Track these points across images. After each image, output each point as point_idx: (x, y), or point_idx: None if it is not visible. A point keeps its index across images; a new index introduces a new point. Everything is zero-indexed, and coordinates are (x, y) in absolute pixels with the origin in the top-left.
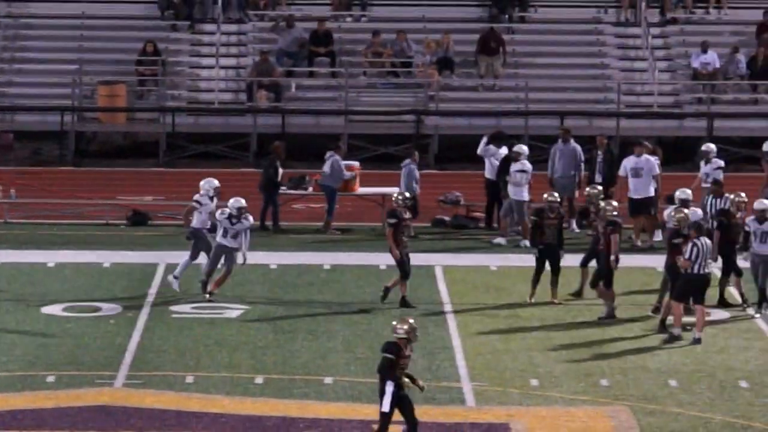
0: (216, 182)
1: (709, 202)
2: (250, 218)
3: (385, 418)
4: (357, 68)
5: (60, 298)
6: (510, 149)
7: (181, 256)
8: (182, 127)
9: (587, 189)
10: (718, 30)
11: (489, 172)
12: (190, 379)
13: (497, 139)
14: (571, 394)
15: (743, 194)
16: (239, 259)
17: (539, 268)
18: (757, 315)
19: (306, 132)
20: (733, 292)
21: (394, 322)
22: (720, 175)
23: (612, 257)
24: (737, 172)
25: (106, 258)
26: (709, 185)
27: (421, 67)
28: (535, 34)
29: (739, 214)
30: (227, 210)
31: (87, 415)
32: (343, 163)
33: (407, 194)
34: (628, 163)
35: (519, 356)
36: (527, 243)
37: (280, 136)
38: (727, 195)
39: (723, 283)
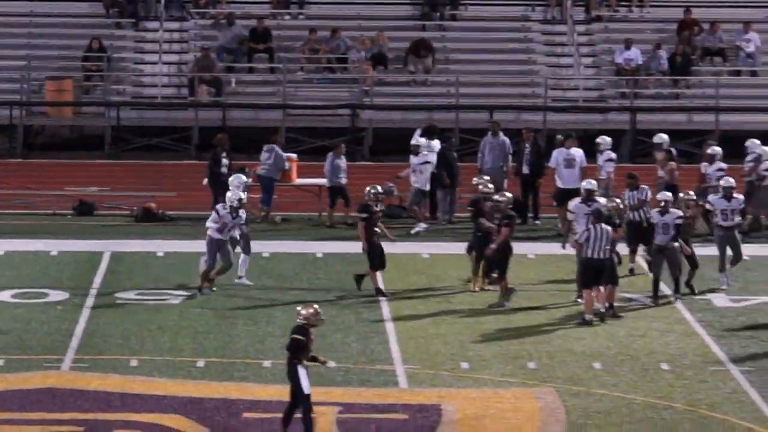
0: (245, 177)
1: (627, 195)
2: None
3: (308, 399)
4: (294, 64)
5: (9, 285)
6: (443, 142)
7: (125, 245)
8: (127, 121)
9: (474, 179)
10: (641, 27)
11: None
12: (134, 362)
13: (430, 132)
14: (499, 377)
15: (692, 192)
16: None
17: (479, 256)
18: (674, 299)
19: (246, 125)
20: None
21: (299, 307)
22: (611, 167)
23: (494, 246)
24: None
25: (53, 246)
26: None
27: (356, 63)
28: (466, 31)
29: (689, 212)
30: (228, 205)
31: (35, 398)
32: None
33: (379, 188)
34: (560, 154)
35: (450, 340)
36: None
37: (221, 129)
38: (643, 186)
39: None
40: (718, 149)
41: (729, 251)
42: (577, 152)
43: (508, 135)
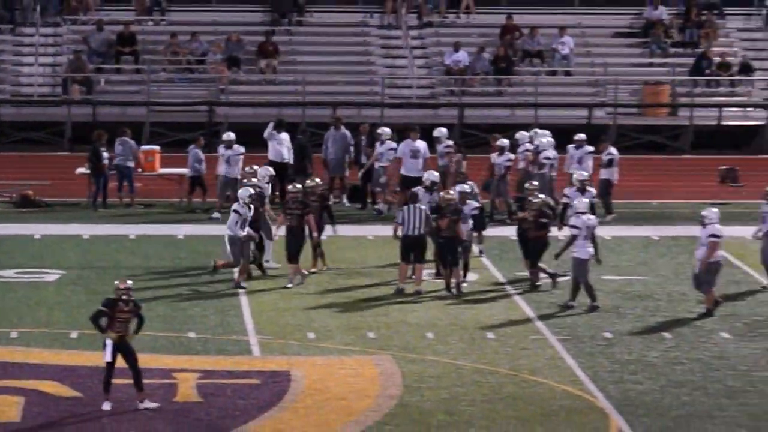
0: (271, 170)
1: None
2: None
3: (109, 367)
4: (158, 65)
5: None
6: (301, 134)
7: (5, 228)
8: (6, 117)
9: (307, 182)
10: (467, 32)
11: (272, 154)
12: (14, 334)
13: (280, 125)
14: (342, 345)
15: (452, 192)
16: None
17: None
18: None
19: (114, 120)
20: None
21: (116, 282)
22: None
23: (315, 234)
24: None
25: None
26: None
27: (213, 64)
28: (311, 35)
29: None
30: (242, 202)
31: None
32: (146, 147)
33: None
34: (406, 146)
35: (298, 313)
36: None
37: (92, 125)
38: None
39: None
40: (506, 141)
41: None
42: (421, 144)
43: (349, 128)
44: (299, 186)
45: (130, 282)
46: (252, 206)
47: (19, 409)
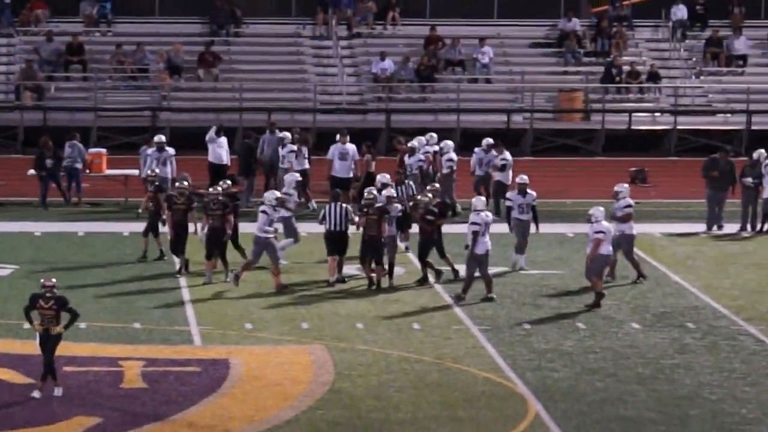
0: (298, 176)
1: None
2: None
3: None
4: (104, 73)
5: None
6: (246, 139)
7: None
8: None
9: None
10: (394, 42)
11: (212, 157)
12: None
13: (220, 130)
14: (278, 335)
15: (373, 193)
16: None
17: None
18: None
19: (64, 125)
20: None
21: (42, 279)
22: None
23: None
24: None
25: None
26: None
27: (156, 72)
28: (248, 45)
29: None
30: (269, 205)
31: None
32: (93, 150)
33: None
34: (336, 149)
35: (236, 305)
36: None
37: (43, 129)
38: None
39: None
40: (416, 142)
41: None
42: (351, 147)
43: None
44: (374, 192)
45: (54, 280)
46: (276, 208)
47: None
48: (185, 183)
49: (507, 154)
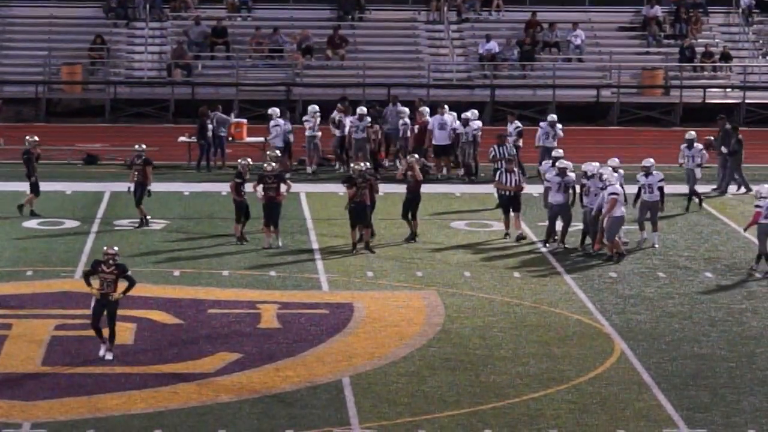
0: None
1: (495, 150)
2: None
3: (91, 322)
4: (245, 53)
5: (35, 216)
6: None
7: (120, 186)
8: (122, 95)
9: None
10: (498, 26)
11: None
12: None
13: (344, 100)
14: (395, 282)
15: (361, 164)
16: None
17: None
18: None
19: (209, 98)
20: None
21: (105, 247)
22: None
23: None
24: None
25: (68, 187)
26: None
27: (290, 52)
28: (370, 29)
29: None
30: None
31: (54, 298)
32: (235, 120)
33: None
34: (435, 120)
35: (359, 256)
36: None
37: (191, 102)
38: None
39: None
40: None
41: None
42: (448, 117)
43: (403, 103)
44: (360, 164)
45: (116, 248)
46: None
47: (131, 334)
48: (273, 165)
49: (518, 123)
